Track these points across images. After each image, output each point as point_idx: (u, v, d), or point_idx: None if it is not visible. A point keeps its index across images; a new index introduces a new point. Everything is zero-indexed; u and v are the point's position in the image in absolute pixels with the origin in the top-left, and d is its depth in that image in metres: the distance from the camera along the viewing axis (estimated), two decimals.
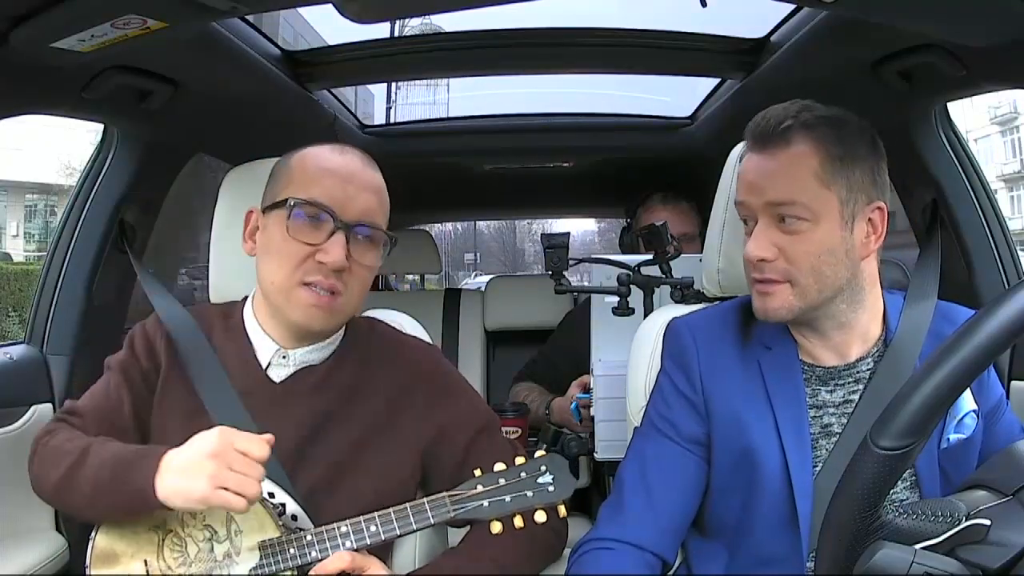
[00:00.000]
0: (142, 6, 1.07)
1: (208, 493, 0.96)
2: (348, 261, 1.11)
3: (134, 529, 1.08)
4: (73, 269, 1.67)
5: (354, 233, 1.12)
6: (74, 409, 1.18)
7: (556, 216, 5.95)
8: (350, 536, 1.04)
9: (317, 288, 1.10)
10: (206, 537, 1.06)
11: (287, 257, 1.11)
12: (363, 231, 1.13)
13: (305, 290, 1.11)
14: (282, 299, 1.13)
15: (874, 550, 0.77)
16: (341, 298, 1.12)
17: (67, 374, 1.63)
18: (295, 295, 1.11)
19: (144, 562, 1.07)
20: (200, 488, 0.96)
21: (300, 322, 1.13)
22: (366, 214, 1.13)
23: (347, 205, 1.12)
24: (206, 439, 0.99)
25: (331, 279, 1.10)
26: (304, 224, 1.11)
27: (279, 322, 1.17)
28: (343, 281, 1.11)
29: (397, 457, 1.18)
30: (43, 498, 1.16)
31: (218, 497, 0.96)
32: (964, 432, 1.09)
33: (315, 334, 1.17)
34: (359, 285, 1.15)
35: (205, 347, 1.19)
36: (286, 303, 1.12)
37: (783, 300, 1.08)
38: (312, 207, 1.11)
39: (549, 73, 2.12)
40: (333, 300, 1.11)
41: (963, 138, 1.63)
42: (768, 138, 1.08)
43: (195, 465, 0.97)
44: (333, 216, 1.11)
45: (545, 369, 2.25)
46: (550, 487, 1.06)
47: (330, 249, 1.09)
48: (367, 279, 1.16)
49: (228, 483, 0.96)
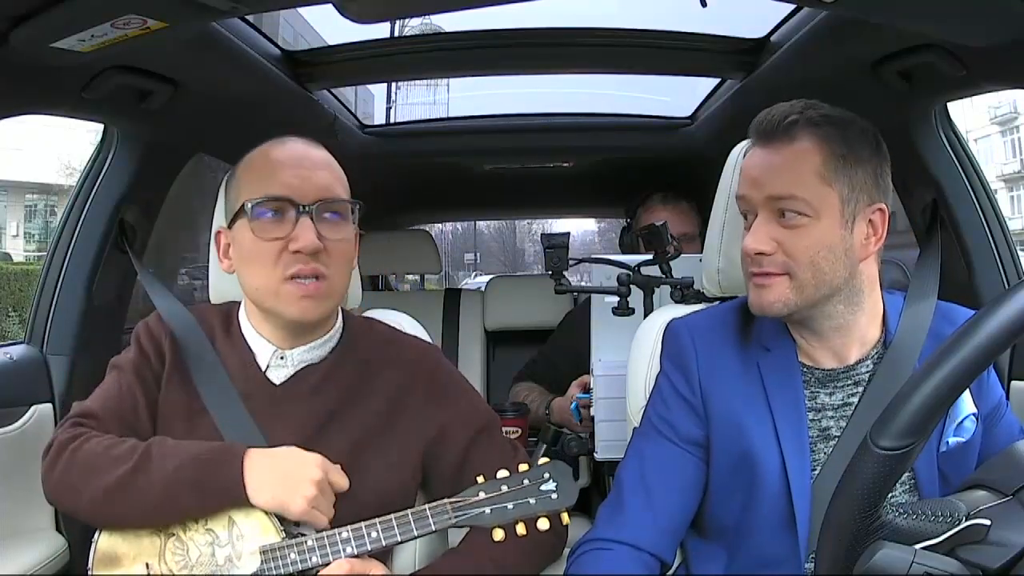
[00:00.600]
0: (142, 6, 1.07)
1: (304, 509, 1.04)
2: (322, 241, 1.10)
3: (137, 532, 1.08)
4: (73, 269, 1.67)
5: (319, 212, 1.12)
6: (89, 412, 1.15)
7: (556, 216, 5.95)
8: (351, 542, 1.04)
9: (302, 278, 1.10)
10: (208, 541, 1.06)
11: (262, 258, 1.11)
12: (326, 208, 1.13)
13: (291, 284, 1.11)
14: (272, 300, 1.13)
15: (874, 550, 0.77)
16: (327, 281, 1.12)
17: (67, 374, 1.63)
18: (283, 292, 1.11)
19: (146, 565, 1.07)
20: (299, 505, 1.04)
21: (295, 317, 1.13)
22: (325, 190, 1.13)
23: (303, 188, 1.12)
24: (307, 464, 1.06)
25: (311, 264, 1.10)
26: (268, 221, 1.11)
27: (273, 323, 1.17)
28: (323, 263, 1.11)
29: (398, 457, 1.18)
30: (71, 506, 1.12)
31: (309, 515, 1.05)
32: (963, 435, 1.09)
33: (312, 327, 1.17)
34: (341, 262, 1.14)
35: (207, 348, 1.19)
36: (276, 303, 1.12)
37: (780, 293, 1.08)
38: (270, 201, 1.11)
39: (549, 73, 2.12)
40: (320, 285, 1.11)
41: (963, 138, 1.63)
42: (772, 133, 1.09)
43: (297, 484, 1.04)
44: (292, 202, 1.11)
45: (545, 369, 2.25)
46: (553, 495, 1.04)
47: (300, 235, 1.09)
48: (347, 254, 1.15)
49: (320, 507, 1.05)
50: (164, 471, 1.05)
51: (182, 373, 1.17)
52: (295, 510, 1.04)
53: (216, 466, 1.05)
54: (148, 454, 1.07)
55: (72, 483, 1.09)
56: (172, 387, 1.17)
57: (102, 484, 1.06)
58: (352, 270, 1.19)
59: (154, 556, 1.07)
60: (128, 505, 1.06)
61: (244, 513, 1.06)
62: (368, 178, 2.68)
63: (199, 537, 1.06)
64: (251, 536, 1.05)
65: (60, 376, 1.62)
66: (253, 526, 1.05)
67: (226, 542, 1.05)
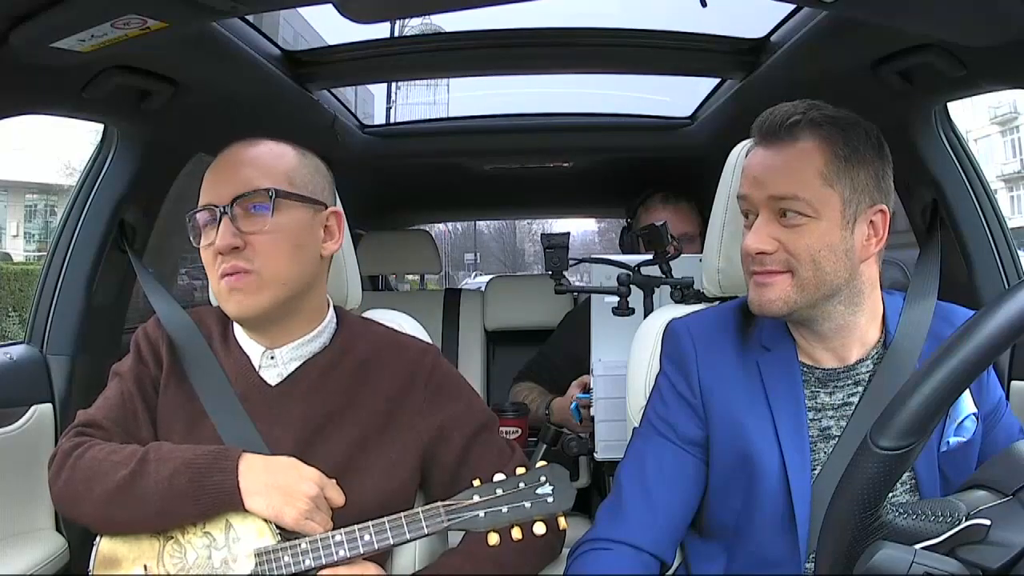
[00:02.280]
0: (142, 6, 1.07)
1: (298, 520, 1.05)
2: (241, 237, 1.11)
3: (136, 535, 1.09)
4: (73, 269, 1.67)
5: (235, 211, 1.12)
6: (92, 421, 1.16)
7: (556, 216, 5.96)
8: (344, 545, 1.04)
9: (228, 276, 1.12)
10: (205, 544, 1.07)
11: (207, 264, 1.15)
12: (245, 202, 1.13)
13: (223, 282, 1.13)
14: (220, 301, 1.16)
15: (874, 550, 0.77)
16: (252, 274, 1.12)
17: (67, 374, 1.62)
18: (220, 292, 1.14)
19: (144, 567, 1.08)
20: (292, 515, 1.05)
21: (233, 312, 1.15)
22: (242, 185, 1.13)
23: (221, 190, 1.13)
24: (303, 479, 1.07)
25: (231, 261, 1.12)
26: (202, 229, 1.15)
27: (244, 324, 1.19)
28: (245, 258, 1.12)
29: (397, 457, 1.18)
30: (76, 514, 1.13)
31: (302, 525, 1.06)
32: (964, 435, 1.09)
33: (263, 322, 1.16)
34: (268, 252, 1.13)
35: (205, 351, 1.20)
36: (222, 303, 1.15)
37: (781, 291, 1.08)
38: (200, 212, 1.14)
39: (549, 73, 2.12)
40: (245, 278, 1.12)
41: (963, 138, 1.63)
42: (775, 133, 1.09)
43: (293, 497, 1.06)
44: (211, 207, 1.13)
45: (545, 369, 2.25)
46: (549, 498, 1.03)
47: (216, 237, 1.12)
48: (277, 242, 1.13)
49: (314, 519, 1.06)
50: (160, 476, 1.06)
51: (180, 377, 1.18)
52: (289, 520, 1.05)
53: (211, 472, 1.06)
54: (146, 459, 1.08)
55: (75, 491, 1.10)
56: (170, 391, 1.18)
57: (103, 490, 1.07)
58: (300, 260, 1.15)
59: (152, 558, 1.08)
60: (128, 510, 1.07)
61: (241, 516, 1.06)
62: (368, 178, 2.69)
63: (196, 540, 1.07)
64: (247, 539, 1.06)
65: (60, 376, 1.62)
66: (249, 529, 1.06)
67: (223, 545, 1.06)
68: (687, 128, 2.40)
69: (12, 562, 1.40)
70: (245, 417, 1.14)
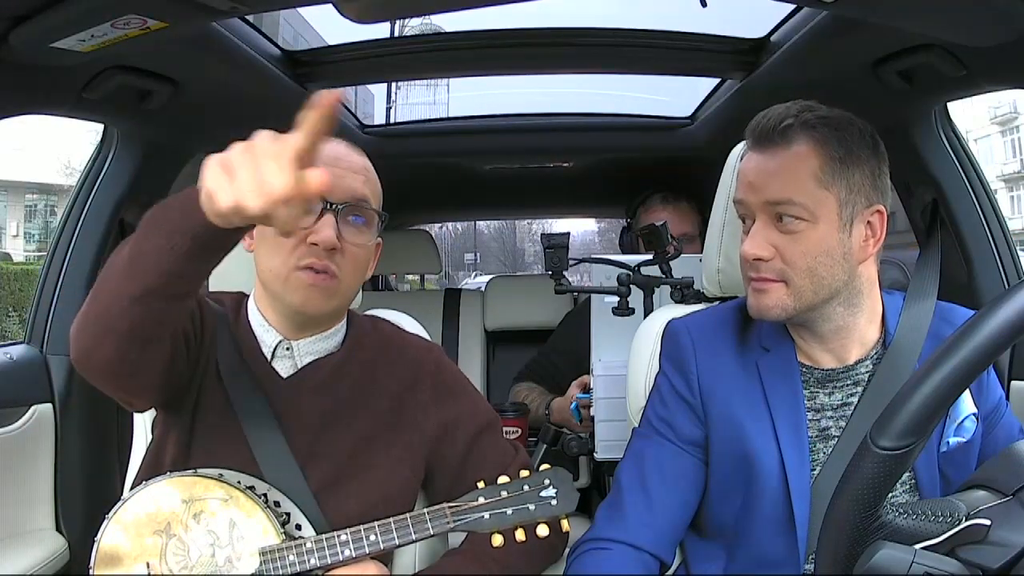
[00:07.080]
0: (142, 6, 1.07)
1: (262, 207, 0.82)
2: (340, 242, 1.12)
3: (139, 532, 1.09)
4: (73, 269, 1.67)
5: (343, 214, 1.13)
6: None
7: (556, 216, 5.96)
8: (349, 545, 1.05)
9: (313, 270, 1.11)
10: (209, 542, 1.06)
11: (282, 244, 1.12)
12: (352, 211, 1.14)
13: (301, 273, 1.11)
14: (280, 285, 1.13)
15: (874, 550, 0.77)
16: (337, 280, 1.12)
17: (67, 374, 1.62)
18: (292, 279, 1.12)
19: (147, 564, 1.07)
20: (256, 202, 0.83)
21: (298, 304, 1.13)
22: (354, 195, 1.14)
23: (334, 187, 1.11)
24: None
25: (324, 259, 1.11)
26: None
27: (279, 311, 1.17)
28: (336, 263, 1.12)
29: (402, 454, 1.18)
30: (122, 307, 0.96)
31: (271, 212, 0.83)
32: (964, 435, 1.09)
33: (315, 320, 1.17)
34: (353, 266, 1.15)
35: (229, 336, 1.19)
36: (284, 288, 1.13)
37: (777, 299, 1.08)
38: None
39: (549, 73, 2.11)
40: (329, 280, 1.12)
41: (963, 138, 1.63)
42: (769, 137, 1.08)
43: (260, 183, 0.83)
44: (322, 198, 1.11)
45: (545, 369, 2.25)
46: (553, 501, 1.04)
47: (320, 229, 1.10)
48: (362, 260, 1.16)
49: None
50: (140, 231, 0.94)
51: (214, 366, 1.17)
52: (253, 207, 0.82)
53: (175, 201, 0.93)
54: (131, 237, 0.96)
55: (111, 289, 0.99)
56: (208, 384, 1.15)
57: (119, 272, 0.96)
58: (364, 279, 1.19)
59: (156, 556, 1.07)
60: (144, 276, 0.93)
61: (245, 514, 1.06)
62: None
63: (200, 538, 1.07)
64: (251, 537, 1.06)
65: (60, 376, 1.62)
66: (254, 528, 1.06)
67: (226, 543, 1.06)
68: (687, 128, 2.40)
69: (12, 562, 1.41)
70: (267, 409, 1.13)
